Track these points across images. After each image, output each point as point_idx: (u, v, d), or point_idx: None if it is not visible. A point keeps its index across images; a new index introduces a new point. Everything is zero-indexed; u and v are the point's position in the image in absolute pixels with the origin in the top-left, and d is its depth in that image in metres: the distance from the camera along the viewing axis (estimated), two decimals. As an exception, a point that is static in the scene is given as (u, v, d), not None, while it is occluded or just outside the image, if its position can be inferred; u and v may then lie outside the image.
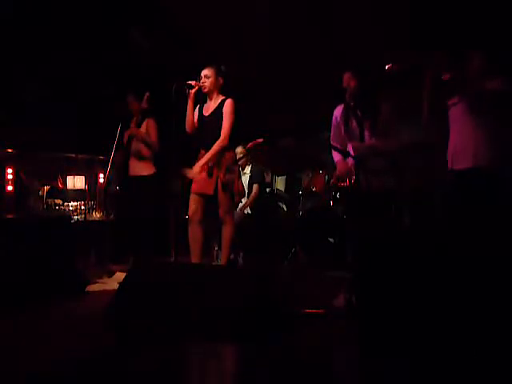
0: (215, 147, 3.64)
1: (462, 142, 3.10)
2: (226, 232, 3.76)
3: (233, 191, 3.74)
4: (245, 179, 5.37)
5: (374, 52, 4.50)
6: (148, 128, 4.65)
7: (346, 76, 3.30)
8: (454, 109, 3.17)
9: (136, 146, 4.69)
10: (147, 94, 4.61)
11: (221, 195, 3.67)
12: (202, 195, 3.71)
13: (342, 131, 3.44)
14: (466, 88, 3.06)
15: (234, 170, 3.77)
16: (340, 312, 2.79)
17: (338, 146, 3.41)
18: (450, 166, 3.19)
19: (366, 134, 3.26)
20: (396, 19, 4.51)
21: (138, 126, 4.69)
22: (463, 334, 1.95)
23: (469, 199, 2.99)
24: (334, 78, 3.38)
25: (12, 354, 2.19)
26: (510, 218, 2.81)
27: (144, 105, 4.63)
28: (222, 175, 3.65)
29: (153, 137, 4.63)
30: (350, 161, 3.37)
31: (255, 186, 5.36)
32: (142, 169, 4.69)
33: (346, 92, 3.30)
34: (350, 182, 3.32)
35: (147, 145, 4.62)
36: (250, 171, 5.46)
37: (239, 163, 5.17)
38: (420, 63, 2.99)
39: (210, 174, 3.66)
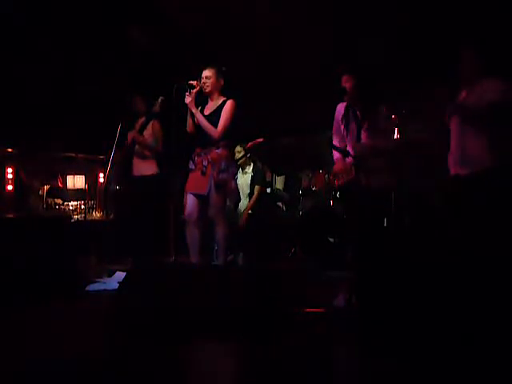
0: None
1: (463, 147, 3.07)
2: (219, 232, 3.72)
3: (226, 191, 3.72)
4: (246, 178, 5.35)
5: (373, 52, 4.51)
6: (153, 130, 4.66)
7: (344, 77, 3.30)
8: (453, 117, 3.16)
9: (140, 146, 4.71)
10: (161, 98, 4.56)
11: (213, 195, 3.62)
12: (196, 195, 3.69)
13: (342, 130, 3.44)
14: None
15: (229, 169, 3.71)
16: (340, 312, 2.79)
17: (338, 145, 3.42)
18: (452, 171, 3.16)
19: (364, 134, 3.26)
20: (395, 20, 4.51)
21: (143, 127, 4.70)
22: (463, 333, 1.96)
23: (470, 203, 2.97)
24: (334, 77, 3.38)
25: (12, 354, 2.19)
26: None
27: (157, 108, 4.61)
28: (215, 174, 3.61)
29: (158, 138, 4.64)
30: (350, 159, 3.37)
31: (257, 188, 5.32)
32: (145, 169, 4.69)
33: (345, 92, 3.30)
34: (346, 179, 3.32)
35: (150, 150, 4.64)
36: (252, 171, 5.43)
37: (239, 162, 5.16)
38: None
39: (203, 173, 3.64)
